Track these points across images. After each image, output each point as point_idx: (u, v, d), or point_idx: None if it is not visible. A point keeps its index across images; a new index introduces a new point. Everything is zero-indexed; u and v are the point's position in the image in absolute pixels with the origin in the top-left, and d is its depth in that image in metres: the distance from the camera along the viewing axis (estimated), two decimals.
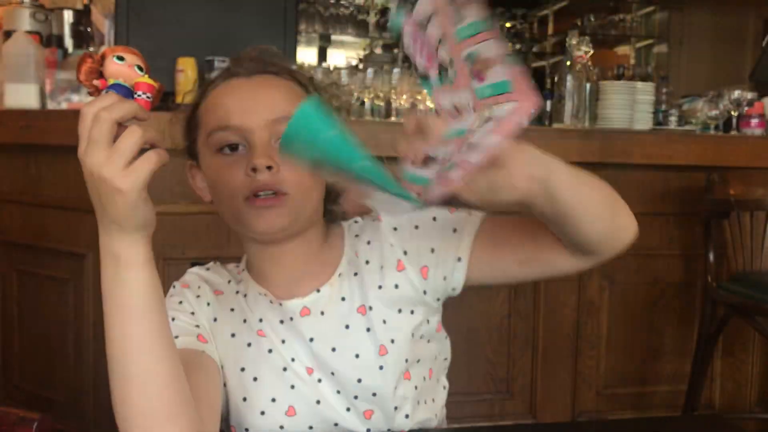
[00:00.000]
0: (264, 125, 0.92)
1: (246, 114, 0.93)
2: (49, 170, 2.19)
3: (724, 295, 2.20)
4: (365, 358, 0.97)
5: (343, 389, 0.97)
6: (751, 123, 2.65)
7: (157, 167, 0.72)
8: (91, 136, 0.69)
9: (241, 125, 0.93)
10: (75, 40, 2.69)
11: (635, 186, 2.44)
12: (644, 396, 2.51)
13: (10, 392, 2.35)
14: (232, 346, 0.97)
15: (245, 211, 0.92)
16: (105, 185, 0.70)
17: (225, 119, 0.94)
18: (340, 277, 1.00)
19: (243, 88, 0.96)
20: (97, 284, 2.20)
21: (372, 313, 0.98)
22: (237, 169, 0.92)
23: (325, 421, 0.96)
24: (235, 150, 0.93)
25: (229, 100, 0.96)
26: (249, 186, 0.91)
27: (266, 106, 0.94)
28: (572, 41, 2.48)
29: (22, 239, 2.27)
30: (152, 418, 0.77)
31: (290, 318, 0.98)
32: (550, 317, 2.40)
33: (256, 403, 0.95)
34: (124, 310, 0.76)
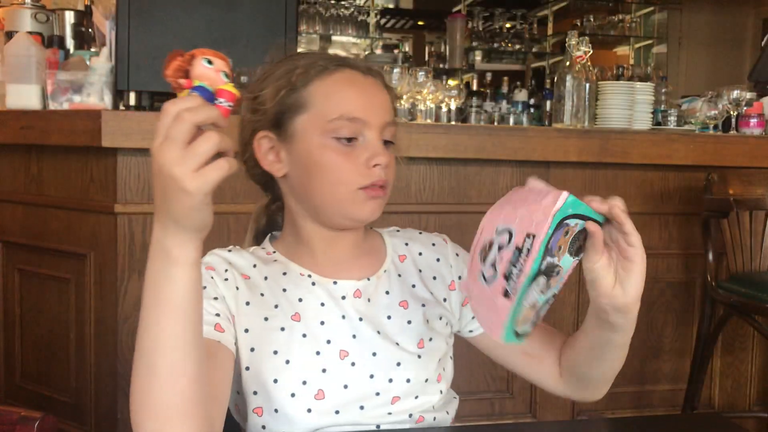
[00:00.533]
0: (381, 125, 1.00)
1: (369, 111, 1.00)
2: (51, 170, 2.20)
3: (724, 294, 2.21)
4: (405, 346, 1.03)
5: (379, 372, 1.01)
6: (750, 123, 2.65)
7: (226, 176, 0.73)
8: (169, 133, 0.70)
9: (366, 120, 0.99)
10: (76, 41, 2.70)
11: (634, 186, 2.45)
12: (644, 395, 2.52)
13: (11, 391, 2.36)
14: (265, 330, 0.99)
15: (355, 197, 0.99)
16: (173, 183, 0.71)
17: (350, 111, 0.99)
18: (385, 273, 1.08)
19: (363, 84, 1.02)
20: (97, 284, 2.22)
21: (415, 311, 1.06)
22: (354, 159, 0.98)
23: (351, 403, 0.99)
24: (350, 141, 0.99)
25: (351, 92, 1.01)
26: (368, 178, 0.98)
27: (382, 108, 1.02)
28: (572, 41, 2.49)
29: (23, 239, 2.28)
30: (170, 412, 0.79)
31: (342, 297, 1.03)
32: (549, 316, 2.40)
33: (288, 385, 0.97)
34: (164, 305, 0.77)
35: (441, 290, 1.11)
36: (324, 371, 0.99)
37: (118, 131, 1.94)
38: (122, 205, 2.01)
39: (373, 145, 0.99)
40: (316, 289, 1.03)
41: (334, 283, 1.04)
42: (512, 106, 4.51)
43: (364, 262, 1.08)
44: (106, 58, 2.24)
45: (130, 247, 2.02)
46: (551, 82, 4.67)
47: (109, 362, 2.08)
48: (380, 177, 0.99)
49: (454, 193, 2.27)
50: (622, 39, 5.94)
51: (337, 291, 1.04)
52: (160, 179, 0.72)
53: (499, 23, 5.58)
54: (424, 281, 1.11)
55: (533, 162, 2.31)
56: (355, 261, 1.07)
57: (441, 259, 1.13)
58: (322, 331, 1.01)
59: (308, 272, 1.04)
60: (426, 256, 1.13)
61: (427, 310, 1.07)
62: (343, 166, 0.99)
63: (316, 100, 1.00)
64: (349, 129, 0.99)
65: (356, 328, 1.02)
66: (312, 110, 1.00)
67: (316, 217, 1.04)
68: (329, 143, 0.99)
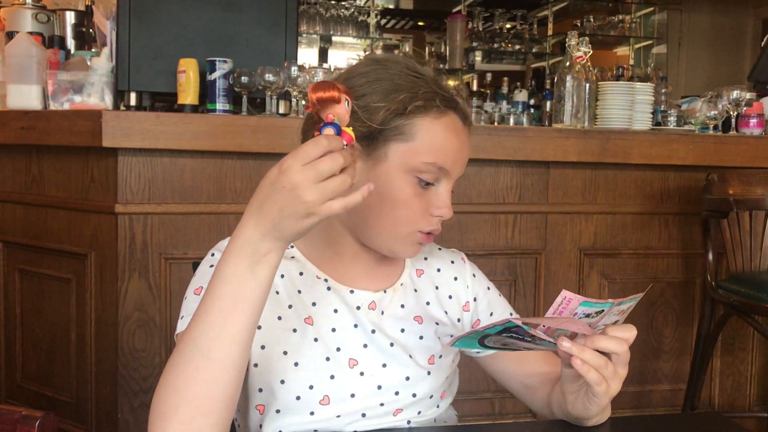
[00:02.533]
0: (456, 178, 1.03)
1: (456, 163, 1.01)
2: (51, 170, 2.20)
3: (724, 294, 2.21)
4: (417, 359, 1.04)
5: (386, 384, 1.01)
6: (750, 123, 2.65)
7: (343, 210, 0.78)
8: (318, 164, 0.75)
9: (450, 172, 1.01)
10: (77, 42, 2.70)
11: (634, 186, 2.45)
12: (644, 395, 2.52)
13: (12, 391, 2.36)
14: (277, 329, 1.00)
15: (410, 237, 1.01)
16: (302, 206, 0.76)
17: (443, 160, 1.00)
18: (402, 286, 1.09)
19: (461, 135, 1.03)
20: (97, 284, 2.22)
21: (428, 327, 1.07)
22: (424, 203, 1.00)
23: (354, 413, 1.00)
24: (428, 186, 1.01)
25: (450, 141, 1.01)
26: (428, 225, 1.01)
27: (464, 162, 1.04)
28: (572, 42, 2.49)
29: (24, 239, 2.28)
30: (209, 403, 0.81)
31: (357, 307, 1.04)
32: None
33: (294, 387, 0.98)
34: (240, 301, 0.81)
35: (455, 310, 1.12)
36: (332, 378, 0.99)
37: (119, 131, 1.94)
38: (123, 205, 2.01)
39: (444, 196, 1.01)
40: (330, 294, 1.04)
41: (351, 291, 1.05)
42: (512, 107, 4.51)
43: (383, 272, 1.09)
44: (106, 58, 2.24)
45: (130, 247, 2.02)
46: (551, 82, 4.67)
47: (109, 362, 2.08)
48: (438, 227, 1.02)
49: (454, 193, 2.27)
50: (622, 39, 5.94)
51: (352, 300, 1.04)
52: (285, 195, 0.76)
53: (499, 24, 5.58)
54: (440, 300, 1.11)
55: (533, 162, 2.32)
56: (373, 271, 1.08)
57: (459, 278, 1.15)
58: (333, 337, 1.01)
59: (325, 276, 1.05)
60: (444, 274, 1.14)
61: (439, 329, 1.09)
62: (415, 206, 1.00)
63: (420, 136, 0.99)
64: (434, 175, 1.00)
65: (368, 339, 1.03)
66: (412, 144, 0.98)
67: (358, 235, 1.04)
68: (412, 181, 0.99)
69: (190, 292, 0.99)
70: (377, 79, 1.00)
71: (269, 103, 2.23)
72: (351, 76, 1.02)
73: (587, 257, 2.43)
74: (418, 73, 1.02)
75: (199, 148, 2.01)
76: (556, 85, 2.52)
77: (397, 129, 0.98)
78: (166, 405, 0.81)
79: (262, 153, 2.07)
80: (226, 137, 2.01)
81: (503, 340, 0.89)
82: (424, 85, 1.00)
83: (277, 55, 2.29)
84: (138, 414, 2.06)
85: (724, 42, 5.80)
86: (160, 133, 1.97)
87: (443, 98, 1.01)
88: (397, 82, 1.00)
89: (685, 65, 5.82)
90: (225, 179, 2.08)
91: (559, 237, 2.40)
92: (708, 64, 5.74)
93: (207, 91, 2.15)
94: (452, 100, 1.02)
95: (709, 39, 5.81)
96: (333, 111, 0.80)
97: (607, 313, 0.90)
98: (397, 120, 0.98)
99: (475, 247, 2.28)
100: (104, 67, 2.22)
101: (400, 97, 0.98)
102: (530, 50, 5.79)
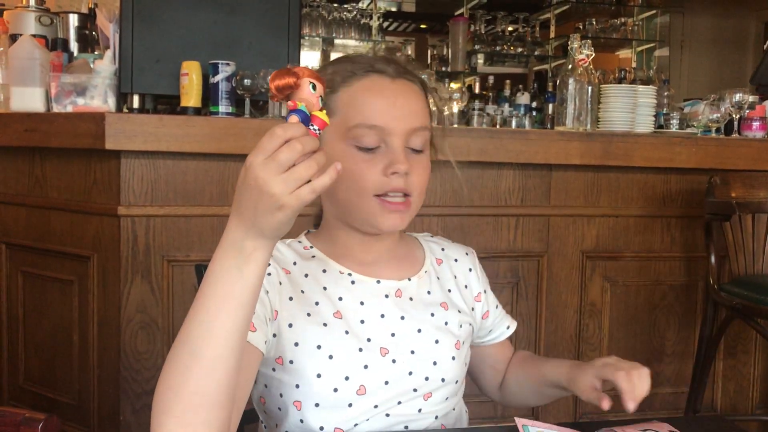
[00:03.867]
0: (404, 132, 1.00)
1: (391, 118, 1.00)
2: (54, 173, 2.20)
3: (726, 297, 2.20)
4: (443, 345, 1.07)
5: (417, 369, 1.04)
6: (753, 126, 2.65)
7: (315, 197, 0.77)
8: (277, 156, 0.74)
9: (386, 128, 0.99)
10: (80, 44, 2.71)
11: (637, 188, 2.45)
12: (646, 398, 2.51)
13: (14, 393, 2.36)
14: (309, 325, 1.01)
15: (373, 207, 1.00)
16: (270, 200, 0.75)
17: (371, 118, 0.99)
18: (426, 273, 1.12)
19: (388, 90, 1.02)
20: (100, 286, 2.22)
21: (452, 313, 1.11)
22: (373, 167, 0.99)
23: (390, 400, 1.02)
24: (370, 150, 1.00)
25: (375, 100, 1.01)
26: (384, 186, 0.99)
27: (408, 114, 1.01)
28: (574, 44, 2.49)
29: (26, 241, 2.28)
30: (201, 400, 0.81)
31: (385, 295, 1.06)
32: (552, 318, 2.41)
33: (331, 379, 1.00)
34: (228, 299, 0.81)
35: (470, 300, 1.17)
36: (366, 367, 1.01)
37: (122, 134, 1.94)
38: (125, 207, 2.01)
39: (393, 152, 0.99)
40: (355, 288, 1.06)
41: (378, 282, 1.07)
42: (514, 110, 4.50)
43: (402, 264, 1.11)
44: (109, 60, 2.24)
45: (133, 249, 2.02)
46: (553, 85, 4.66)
47: (111, 364, 2.08)
48: (398, 184, 0.99)
49: (457, 195, 2.27)
50: (624, 42, 5.93)
51: (380, 290, 1.07)
52: (254, 192, 0.76)
53: (502, 26, 5.58)
54: (459, 288, 1.15)
55: (535, 165, 2.32)
56: (392, 263, 1.10)
57: (473, 269, 1.19)
58: (363, 329, 1.03)
59: (348, 271, 1.07)
60: (461, 264, 1.18)
61: (461, 317, 1.12)
62: (361, 173, 0.99)
63: (340, 107, 1.01)
64: (370, 137, 0.99)
65: (396, 327, 1.05)
66: (337, 117, 1.01)
67: (346, 222, 1.06)
68: (350, 151, 1.00)
69: None
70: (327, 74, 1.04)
71: (272, 106, 2.23)
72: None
73: (589, 260, 2.43)
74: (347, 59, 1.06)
75: (202, 150, 2.01)
76: (559, 87, 2.52)
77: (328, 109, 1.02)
78: (163, 400, 0.81)
79: None
80: (229, 140, 2.01)
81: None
82: (341, 62, 1.05)
83: (279, 57, 2.29)
84: (140, 416, 2.06)
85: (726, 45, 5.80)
86: (163, 136, 1.97)
87: (358, 66, 1.03)
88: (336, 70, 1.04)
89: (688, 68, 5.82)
90: (227, 182, 2.08)
91: (562, 240, 2.40)
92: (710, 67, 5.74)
93: (210, 94, 2.16)
94: (368, 64, 1.03)
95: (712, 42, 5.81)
96: (298, 97, 0.79)
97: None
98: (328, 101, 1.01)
99: (477, 249, 2.26)
100: (107, 69, 2.23)
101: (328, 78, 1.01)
102: (532, 53, 5.79)
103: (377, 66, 1.03)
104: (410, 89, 1.04)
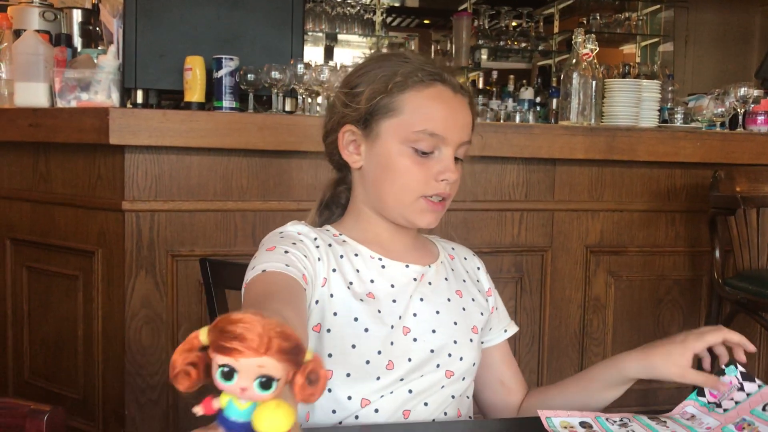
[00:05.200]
0: (457, 143, 1.08)
1: (450, 129, 1.07)
2: (58, 168, 2.21)
3: (730, 291, 2.20)
4: (461, 327, 1.13)
5: (438, 347, 1.08)
6: (758, 120, 2.64)
7: None
8: None
9: (445, 137, 1.07)
10: (84, 39, 2.70)
11: (641, 183, 2.44)
12: (650, 392, 2.51)
13: (19, 388, 2.37)
14: (348, 297, 1.06)
15: (416, 205, 1.08)
16: None
17: (433, 127, 1.06)
18: (441, 263, 1.18)
19: (451, 102, 1.09)
20: (104, 281, 2.22)
21: (467, 301, 1.16)
22: (427, 170, 1.07)
23: (413, 372, 1.06)
24: (425, 154, 1.07)
25: (439, 109, 1.08)
26: (433, 189, 1.07)
27: (462, 127, 1.09)
28: (578, 39, 2.48)
29: (31, 236, 2.29)
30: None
31: (414, 278, 1.12)
32: (556, 313, 2.41)
33: (364, 351, 1.03)
34: None
35: (483, 292, 1.22)
36: (392, 344, 1.05)
37: (126, 129, 1.94)
38: (130, 202, 2.01)
39: (446, 160, 1.07)
40: (386, 271, 1.11)
41: (407, 266, 1.12)
42: (518, 105, 4.50)
43: (422, 254, 1.17)
44: (113, 56, 2.24)
45: (137, 244, 2.03)
46: (557, 80, 4.66)
47: (116, 359, 2.08)
48: (444, 190, 1.08)
49: (460, 190, 2.24)
50: (629, 37, 5.92)
51: (409, 273, 1.12)
52: None
53: (505, 21, 5.57)
54: (473, 281, 1.21)
55: (539, 160, 2.31)
56: (414, 253, 1.16)
57: (480, 268, 1.25)
58: (393, 308, 1.08)
59: (379, 255, 1.12)
60: (470, 262, 1.24)
61: (475, 304, 1.18)
62: (414, 174, 1.07)
63: (406, 109, 1.07)
64: (428, 143, 1.06)
65: (419, 308, 1.10)
66: (400, 117, 1.07)
67: (380, 211, 1.12)
68: (407, 151, 1.07)
69: (262, 249, 1.03)
70: (364, 70, 1.12)
71: (275, 101, 2.23)
72: (352, 72, 1.14)
73: (593, 255, 2.43)
74: (404, 57, 1.11)
75: (206, 145, 2.01)
76: (563, 82, 2.52)
77: (385, 107, 1.08)
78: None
79: (269, 150, 2.07)
80: (233, 135, 2.01)
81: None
82: (405, 65, 1.09)
83: (283, 52, 2.29)
84: (145, 410, 2.07)
85: (730, 39, 5.77)
86: (167, 131, 1.97)
87: (426, 72, 1.08)
88: (382, 67, 1.10)
89: (692, 63, 5.79)
90: (231, 176, 2.09)
91: (566, 234, 2.40)
92: (715, 61, 5.72)
93: (213, 89, 2.16)
94: (436, 74, 1.09)
95: (716, 36, 5.79)
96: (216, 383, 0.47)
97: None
98: (382, 99, 1.07)
99: (481, 244, 2.28)
100: (111, 64, 2.23)
101: (380, 77, 1.08)
102: (536, 48, 5.78)
103: (445, 76, 1.10)
104: (465, 104, 1.11)
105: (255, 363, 0.44)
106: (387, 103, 1.07)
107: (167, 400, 2.08)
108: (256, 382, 0.44)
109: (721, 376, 0.98)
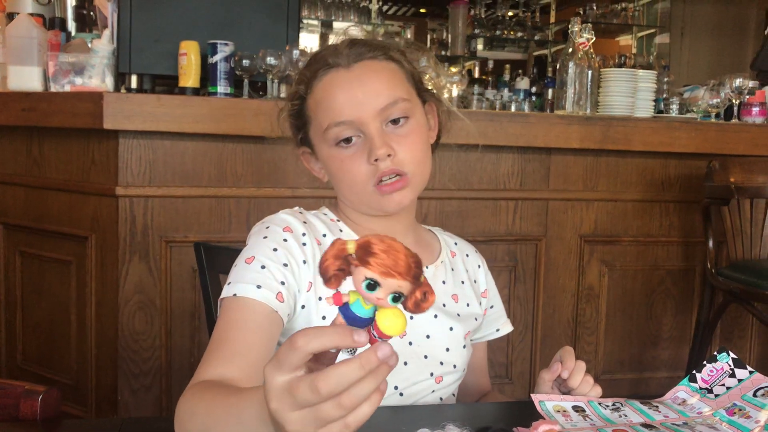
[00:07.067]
0: (375, 115, 0.99)
1: (356, 107, 0.99)
2: (52, 152, 2.20)
3: (723, 281, 2.21)
4: (455, 334, 1.09)
5: (431, 353, 1.06)
6: (753, 111, 2.65)
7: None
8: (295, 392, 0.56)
9: (354, 119, 0.99)
10: (78, 23, 2.69)
11: (636, 173, 2.45)
12: (642, 382, 2.53)
13: (13, 372, 2.37)
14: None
15: (374, 196, 1.01)
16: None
17: (338, 115, 1.00)
18: (442, 263, 1.14)
19: (347, 81, 1.01)
20: (98, 266, 2.22)
21: (462, 305, 1.13)
22: (358, 159, 1.00)
23: (407, 380, 1.04)
24: (350, 142, 1.00)
25: (337, 95, 1.01)
26: (374, 174, 0.99)
27: (373, 96, 1.00)
28: (574, 28, 2.48)
29: (24, 221, 2.28)
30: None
31: None
32: (549, 302, 2.42)
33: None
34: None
35: (478, 295, 1.19)
36: None
37: (120, 113, 1.93)
38: (123, 187, 2.01)
39: (369, 140, 0.99)
40: None
41: None
42: (514, 94, 4.50)
43: (421, 251, 1.09)
44: (107, 40, 2.23)
45: (131, 229, 2.02)
46: (553, 70, 4.65)
47: (109, 344, 2.08)
48: (387, 168, 0.99)
49: (455, 179, 2.27)
50: (625, 28, 5.92)
51: None
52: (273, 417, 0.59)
53: (502, 11, 5.57)
54: (470, 282, 1.17)
55: (535, 149, 2.32)
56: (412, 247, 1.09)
57: (481, 266, 1.21)
58: None
59: None
60: (471, 259, 1.20)
61: (470, 309, 1.15)
62: (350, 168, 1.01)
63: (312, 113, 1.04)
64: (345, 132, 1.00)
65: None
66: (314, 123, 1.04)
67: (359, 210, 1.08)
68: (334, 151, 1.02)
69: (241, 260, 0.98)
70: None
71: (270, 87, 2.23)
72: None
73: (587, 244, 2.44)
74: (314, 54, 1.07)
75: (200, 131, 2.01)
76: (559, 71, 2.52)
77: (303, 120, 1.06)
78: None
79: (263, 136, 2.06)
80: (228, 120, 2.01)
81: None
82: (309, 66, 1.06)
83: (278, 38, 2.28)
84: (138, 396, 2.07)
85: (726, 31, 5.77)
86: (162, 116, 1.96)
87: (313, 69, 1.04)
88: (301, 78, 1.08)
89: (688, 54, 5.79)
90: (226, 162, 2.08)
91: (560, 224, 2.40)
92: (710, 53, 5.72)
93: (208, 74, 2.15)
94: (321, 62, 1.03)
95: (712, 28, 5.79)
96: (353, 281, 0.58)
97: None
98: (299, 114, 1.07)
99: (475, 233, 2.28)
100: (105, 49, 2.22)
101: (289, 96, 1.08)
102: (532, 38, 5.78)
103: (330, 60, 1.03)
104: (369, 69, 1.02)
105: (396, 284, 0.57)
106: (302, 115, 1.06)
107: (160, 385, 2.08)
108: (391, 296, 0.57)
109: (713, 362, 0.98)
